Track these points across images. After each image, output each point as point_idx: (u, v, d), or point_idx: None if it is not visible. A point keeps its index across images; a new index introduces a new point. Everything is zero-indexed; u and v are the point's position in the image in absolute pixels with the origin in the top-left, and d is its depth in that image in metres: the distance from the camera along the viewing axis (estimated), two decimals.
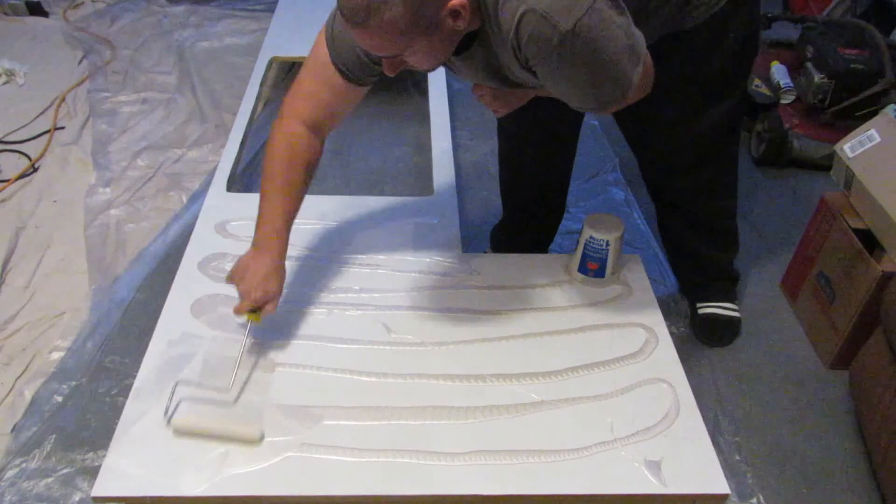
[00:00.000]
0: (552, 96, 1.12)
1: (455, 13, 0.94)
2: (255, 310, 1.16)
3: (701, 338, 1.70)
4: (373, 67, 1.14)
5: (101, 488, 1.00)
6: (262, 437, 1.06)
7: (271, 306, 1.17)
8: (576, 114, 1.49)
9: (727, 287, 1.74)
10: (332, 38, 1.13)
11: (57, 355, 1.58)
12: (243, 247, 1.43)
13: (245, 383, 1.15)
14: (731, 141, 1.52)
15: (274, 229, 1.18)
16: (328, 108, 1.20)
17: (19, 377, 1.54)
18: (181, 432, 1.07)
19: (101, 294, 1.74)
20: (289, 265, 1.39)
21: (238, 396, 1.13)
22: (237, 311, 1.16)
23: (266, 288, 1.16)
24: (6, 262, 1.83)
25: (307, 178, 1.21)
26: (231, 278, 1.19)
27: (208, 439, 1.06)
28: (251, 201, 1.61)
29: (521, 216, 1.77)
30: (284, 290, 1.25)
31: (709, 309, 1.70)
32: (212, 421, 1.08)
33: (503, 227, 1.82)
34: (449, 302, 1.34)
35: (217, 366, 1.17)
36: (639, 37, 1.01)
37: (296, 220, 1.43)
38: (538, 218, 1.76)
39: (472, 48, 1.06)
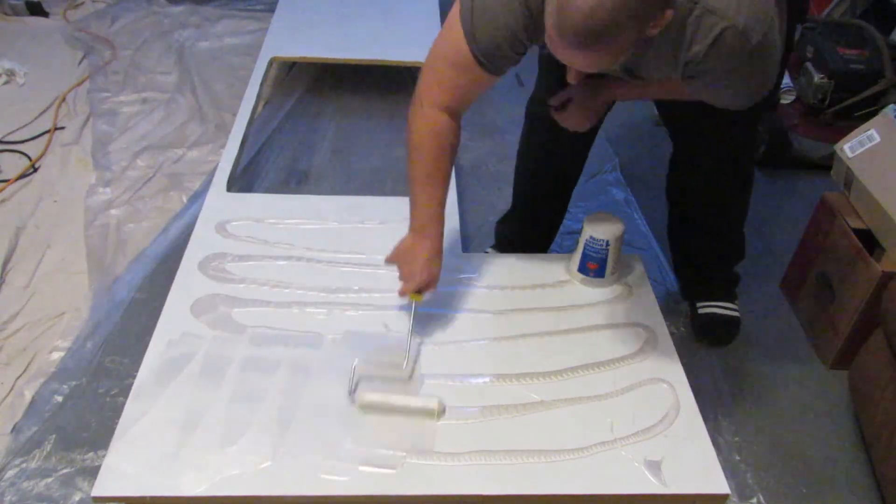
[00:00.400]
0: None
1: (659, 24, 0.95)
2: (418, 291, 1.22)
3: (701, 337, 1.70)
4: (516, 59, 1.14)
5: (101, 488, 1.00)
6: (442, 410, 1.11)
7: (433, 287, 1.24)
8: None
9: (727, 287, 1.74)
10: (473, 33, 1.11)
11: (57, 355, 1.58)
12: (243, 246, 1.44)
13: (415, 361, 1.21)
14: (755, 150, 1.58)
15: (430, 215, 1.24)
16: (466, 95, 1.21)
17: (19, 377, 1.54)
18: (367, 408, 1.12)
19: (101, 294, 1.74)
20: (289, 265, 1.40)
21: (411, 374, 1.18)
22: (402, 293, 1.24)
23: (430, 271, 1.22)
24: (6, 262, 1.83)
25: (453, 162, 1.26)
26: (392, 260, 1.26)
27: (385, 413, 1.11)
28: (251, 201, 1.62)
29: (533, 208, 1.77)
30: (284, 291, 1.25)
31: (709, 308, 1.70)
32: (395, 397, 1.13)
33: (511, 220, 1.81)
34: (449, 302, 1.34)
35: (387, 346, 1.24)
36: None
37: (296, 220, 1.43)
38: (548, 212, 1.76)
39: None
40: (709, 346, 1.69)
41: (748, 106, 1.16)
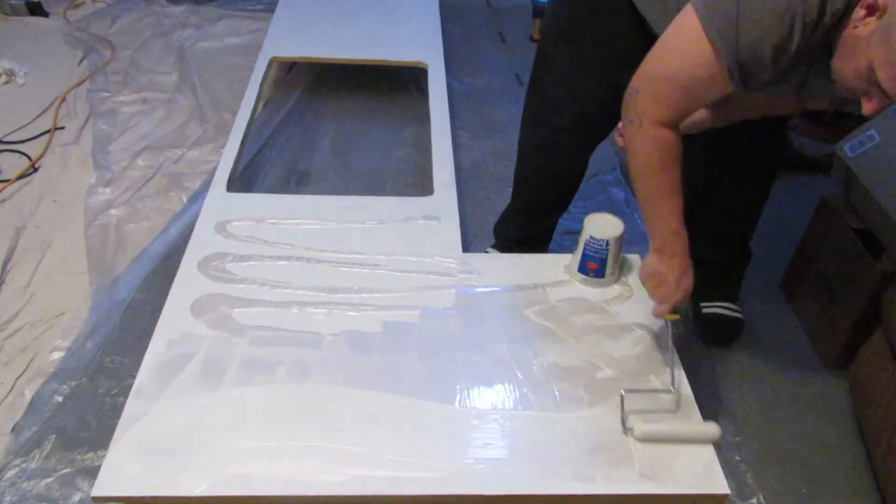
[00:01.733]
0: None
1: None
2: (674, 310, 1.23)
3: (705, 337, 1.70)
4: (770, 75, 1.07)
5: (101, 488, 1.00)
6: (720, 434, 1.10)
7: (686, 301, 1.23)
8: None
9: (733, 288, 1.74)
10: (735, 42, 1.02)
11: (57, 355, 1.58)
12: (243, 246, 1.44)
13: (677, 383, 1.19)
14: (779, 159, 1.56)
15: (671, 231, 1.21)
16: (693, 108, 1.20)
17: (19, 377, 1.54)
18: (646, 440, 1.09)
19: (101, 294, 1.74)
20: (289, 265, 1.40)
21: (679, 397, 1.16)
22: (658, 315, 1.24)
23: (685, 289, 1.22)
24: (6, 262, 1.83)
25: (679, 165, 1.21)
26: (645, 283, 1.26)
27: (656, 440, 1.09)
28: (251, 201, 1.62)
29: (534, 209, 1.76)
30: (284, 291, 1.25)
31: (713, 308, 1.70)
32: (673, 425, 1.12)
33: (510, 220, 1.81)
34: (449, 302, 1.34)
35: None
36: None
37: (296, 221, 1.43)
38: (548, 212, 1.76)
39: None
40: (711, 345, 1.69)
41: None
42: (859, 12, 0.96)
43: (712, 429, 1.10)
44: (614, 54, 1.37)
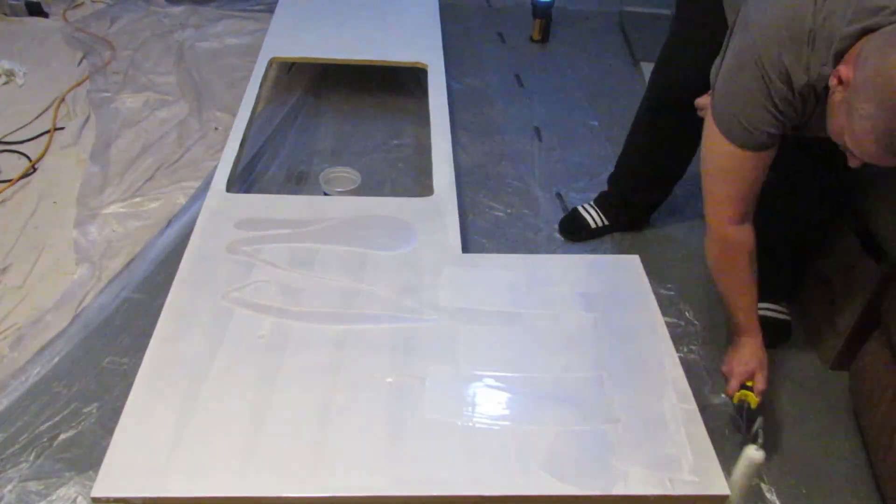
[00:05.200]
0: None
1: None
2: (748, 388, 1.34)
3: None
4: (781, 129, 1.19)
5: (101, 488, 1.00)
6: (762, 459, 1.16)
7: (759, 379, 1.35)
8: None
9: (781, 287, 1.71)
10: (730, 130, 1.19)
11: (55, 355, 1.58)
12: (243, 247, 1.44)
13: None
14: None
15: (748, 320, 1.36)
16: (748, 196, 1.27)
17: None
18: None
19: (100, 294, 1.74)
20: (288, 265, 1.40)
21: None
22: (729, 394, 1.37)
23: (746, 363, 1.35)
24: (6, 262, 1.83)
25: (751, 263, 1.32)
26: (727, 373, 1.39)
27: None
28: (251, 201, 1.62)
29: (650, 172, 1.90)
30: (284, 292, 1.24)
31: (761, 312, 1.64)
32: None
33: (624, 177, 1.95)
34: (448, 302, 1.33)
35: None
36: None
37: (297, 221, 1.43)
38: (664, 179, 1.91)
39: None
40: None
41: None
42: (832, 80, 1.04)
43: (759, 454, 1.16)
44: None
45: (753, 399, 1.33)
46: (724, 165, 1.24)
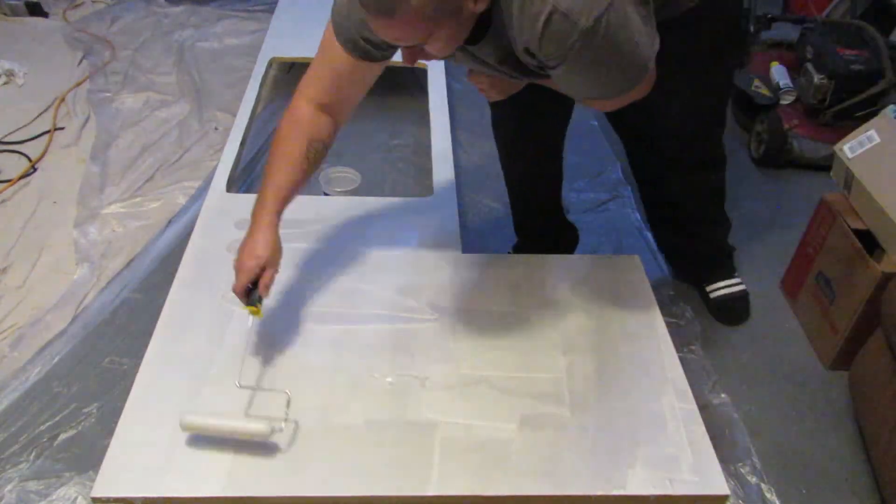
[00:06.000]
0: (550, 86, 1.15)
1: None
2: (254, 303, 1.14)
3: (721, 321, 1.75)
4: (379, 49, 1.14)
5: (101, 488, 1.00)
6: (271, 432, 1.05)
7: (268, 273, 1.15)
8: (564, 110, 1.53)
9: (725, 261, 1.78)
10: (338, 16, 1.14)
11: (55, 356, 1.58)
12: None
13: (258, 379, 1.17)
14: (718, 133, 1.55)
15: (261, 203, 1.19)
16: (337, 88, 1.21)
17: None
18: (190, 429, 1.06)
19: (100, 294, 1.74)
20: (288, 266, 1.40)
21: (251, 394, 1.13)
22: (235, 290, 1.15)
23: (255, 254, 1.14)
24: (6, 262, 1.83)
25: (309, 153, 1.20)
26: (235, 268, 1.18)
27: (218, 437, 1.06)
28: (251, 201, 1.61)
29: (523, 209, 1.78)
30: (284, 292, 1.24)
31: (718, 291, 1.75)
32: (221, 419, 1.07)
33: (517, 226, 1.84)
34: (448, 303, 1.33)
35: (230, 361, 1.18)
36: (654, 32, 1.02)
37: (297, 221, 1.42)
38: (533, 208, 1.78)
39: (487, 35, 1.05)
40: (730, 325, 1.74)
41: (619, 96, 1.08)
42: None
43: (262, 425, 1.04)
44: None
45: (257, 311, 1.15)
46: (323, 44, 1.19)
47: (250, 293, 1.15)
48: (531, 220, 1.79)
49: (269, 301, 1.31)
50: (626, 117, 1.37)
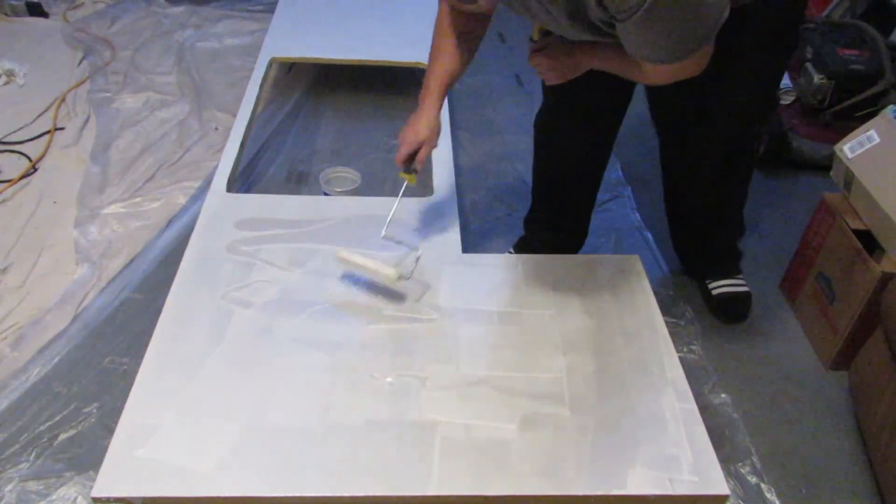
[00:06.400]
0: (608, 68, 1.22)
1: None
2: (411, 171, 1.35)
3: (720, 318, 1.76)
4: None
5: (101, 488, 1.00)
6: (398, 278, 1.28)
7: (425, 149, 1.35)
8: (622, 97, 1.54)
9: (732, 261, 1.80)
10: None
11: (55, 355, 1.58)
12: (243, 247, 1.44)
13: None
14: (754, 146, 1.59)
15: (426, 89, 1.36)
16: (465, 26, 1.32)
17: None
18: (340, 261, 1.33)
19: (100, 294, 1.74)
20: (289, 265, 1.40)
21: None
22: (396, 160, 1.35)
23: (416, 131, 1.33)
24: (6, 262, 1.83)
25: (461, 44, 1.33)
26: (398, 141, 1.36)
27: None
28: (251, 201, 1.62)
29: (552, 206, 1.79)
30: (284, 293, 1.24)
31: (720, 289, 1.76)
32: (364, 257, 1.31)
33: (536, 223, 1.83)
34: (448, 303, 1.33)
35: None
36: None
37: (297, 221, 1.42)
38: (568, 209, 1.78)
39: None
40: (728, 323, 1.75)
41: (680, 61, 1.05)
42: None
43: (391, 271, 1.28)
44: None
45: (413, 178, 1.37)
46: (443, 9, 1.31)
47: (409, 162, 1.35)
48: (555, 216, 1.79)
49: (269, 298, 1.31)
50: (675, 99, 1.40)
